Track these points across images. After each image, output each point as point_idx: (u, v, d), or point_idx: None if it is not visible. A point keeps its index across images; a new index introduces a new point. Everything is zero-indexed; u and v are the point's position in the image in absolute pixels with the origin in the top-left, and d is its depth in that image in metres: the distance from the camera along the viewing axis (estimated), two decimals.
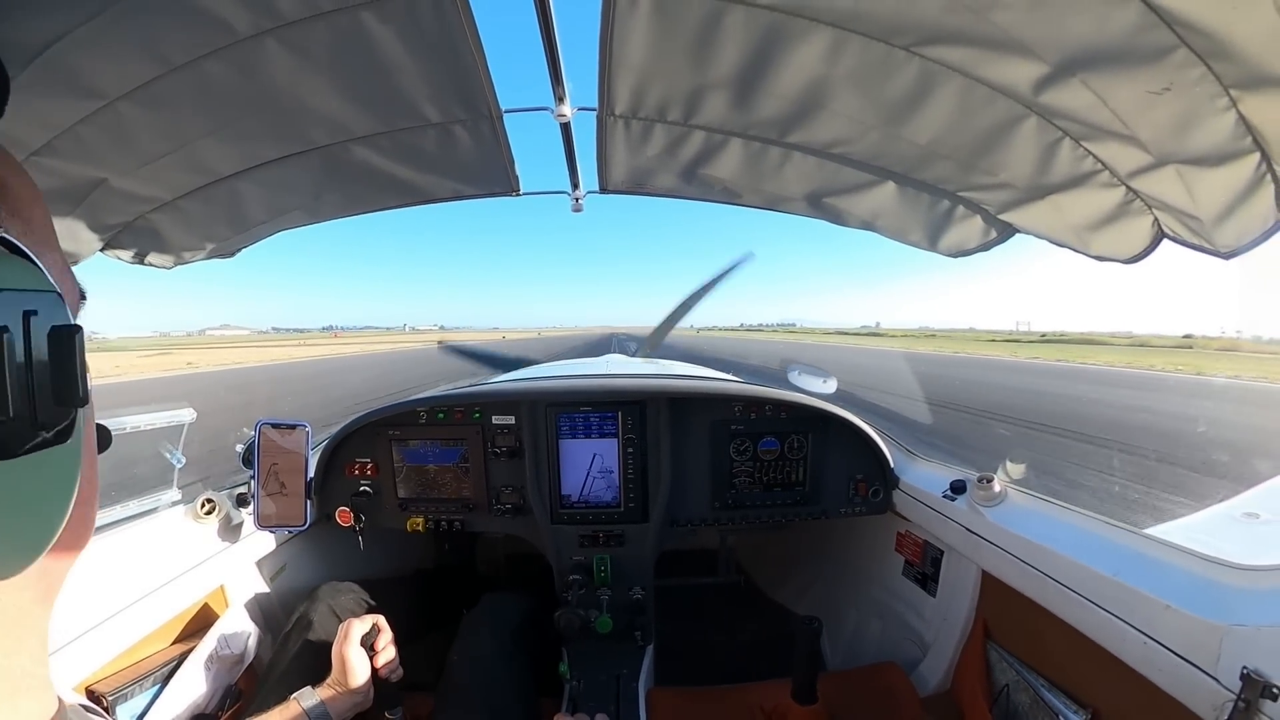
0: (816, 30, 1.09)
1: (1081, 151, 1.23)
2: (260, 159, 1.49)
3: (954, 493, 1.73)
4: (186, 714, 1.48)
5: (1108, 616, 1.16)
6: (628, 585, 2.00)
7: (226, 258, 1.94)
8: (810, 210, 1.85)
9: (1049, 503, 1.54)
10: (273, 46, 1.09)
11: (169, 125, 1.27)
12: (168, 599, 1.52)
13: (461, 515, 2.09)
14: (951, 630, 1.71)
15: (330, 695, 1.34)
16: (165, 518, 1.70)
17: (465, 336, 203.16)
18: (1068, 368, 33.61)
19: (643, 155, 1.64)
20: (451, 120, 1.43)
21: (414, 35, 1.11)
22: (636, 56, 1.22)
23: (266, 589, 1.89)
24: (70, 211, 1.43)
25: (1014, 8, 0.93)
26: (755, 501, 2.06)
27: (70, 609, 1.30)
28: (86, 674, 1.31)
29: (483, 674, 1.58)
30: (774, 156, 1.58)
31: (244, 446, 1.83)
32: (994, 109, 1.19)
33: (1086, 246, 1.50)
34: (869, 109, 1.30)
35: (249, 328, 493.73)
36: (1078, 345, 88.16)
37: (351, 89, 1.27)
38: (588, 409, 2.00)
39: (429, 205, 1.88)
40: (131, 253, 1.71)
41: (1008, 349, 64.30)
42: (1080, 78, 1.02)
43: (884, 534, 2.15)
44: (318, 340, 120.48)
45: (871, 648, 2.12)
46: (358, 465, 2.08)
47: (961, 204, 1.62)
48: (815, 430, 2.04)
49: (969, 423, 12.30)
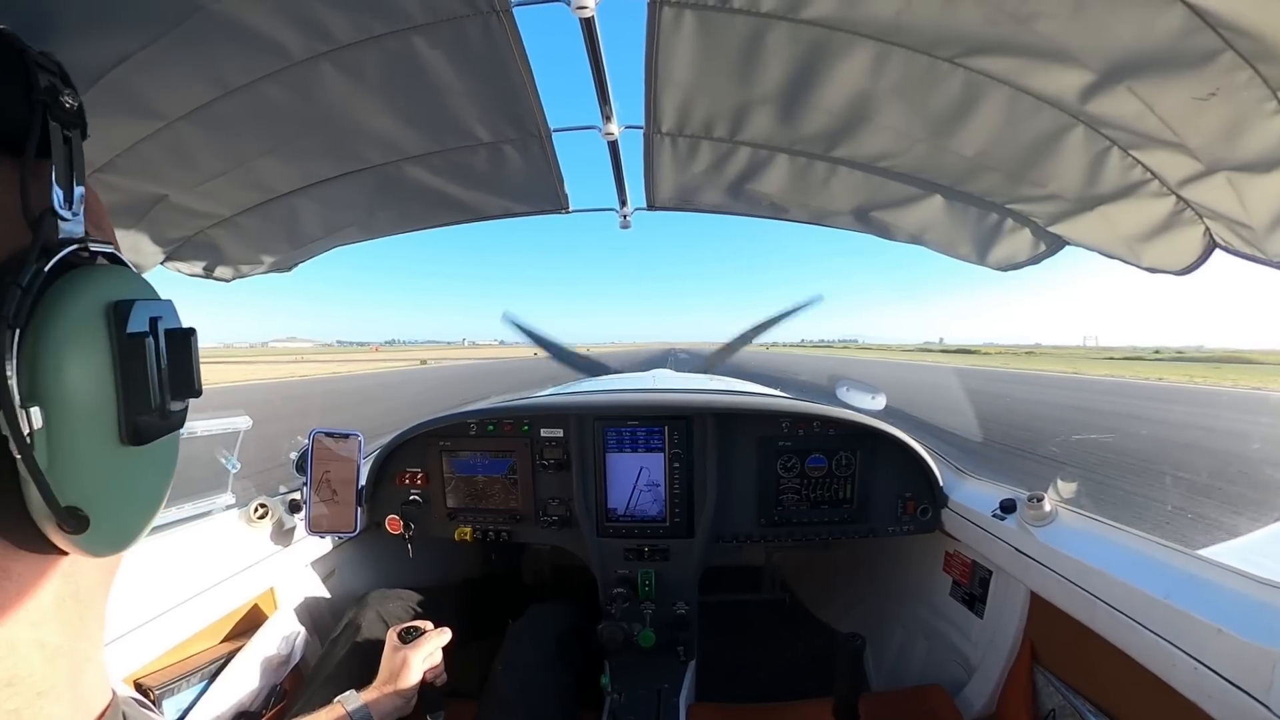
0: (859, 44, 1.12)
1: (1130, 160, 1.24)
2: (316, 177, 1.57)
3: (1004, 512, 1.73)
4: (231, 711, 1.54)
5: (1157, 640, 1.14)
6: (671, 600, 2.02)
7: (284, 271, 2.05)
8: (858, 225, 1.88)
9: (1100, 523, 1.53)
10: (327, 69, 1.15)
11: (227, 145, 1.34)
12: (218, 599, 1.60)
13: (509, 526, 2.15)
14: (998, 653, 1.69)
15: (374, 698, 1.39)
16: (219, 520, 1.79)
17: (526, 352, 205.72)
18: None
19: (689, 172, 1.69)
20: (502, 140, 1.50)
21: (464, 58, 1.17)
22: (682, 74, 1.26)
23: (315, 593, 1.97)
24: (133, 226, 1.52)
25: (1056, 16, 0.94)
26: (802, 519, 2.07)
27: (124, 605, 1.37)
28: (135, 668, 1.38)
29: (525, 684, 1.62)
30: (820, 171, 1.61)
31: (298, 454, 1.92)
32: (1040, 119, 1.20)
33: (1138, 258, 1.50)
34: (914, 122, 1.32)
35: (313, 340, 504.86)
36: (1237, 364, 75.32)
37: (404, 110, 1.34)
38: (635, 423, 2.05)
39: (481, 223, 1.95)
40: (192, 266, 1.81)
41: (1126, 368, 56.34)
42: (1126, 85, 1.04)
43: (932, 553, 2.14)
44: (355, 356, 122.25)
45: (916, 669, 2.10)
46: (408, 474, 2.17)
47: (1010, 216, 1.63)
48: (864, 447, 2.05)
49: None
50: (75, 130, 0.41)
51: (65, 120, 0.40)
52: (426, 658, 1.51)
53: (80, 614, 0.43)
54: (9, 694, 0.37)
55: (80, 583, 0.43)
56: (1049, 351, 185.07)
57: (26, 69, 0.38)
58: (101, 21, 0.90)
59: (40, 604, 0.40)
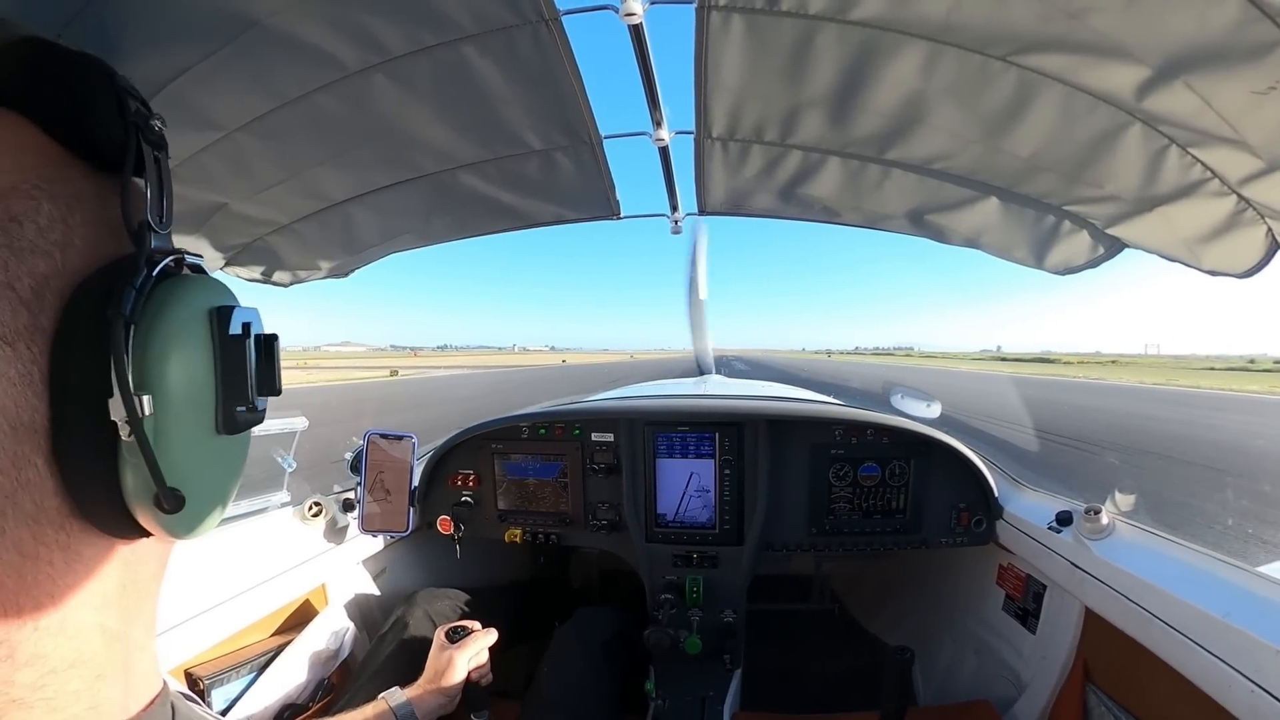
0: (910, 44, 1.12)
1: (1189, 159, 1.22)
2: (372, 185, 1.63)
3: (1060, 524, 1.71)
4: (278, 703, 1.60)
5: (1213, 660, 1.12)
6: (719, 607, 2.03)
7: (341, 277, 2.13)
8: (912, 228, 1.88)
9: (1159, 537, 1.51)
10: (380, 81, 1.20)
11: (284, 154, 1.40)
12: (271, 593, 1.67)
13: (558, 529, 2.20)
14: (1050, 670, 1.67)
15: (418, 695, 1.44)
16: (274, 517, 1.87)
17: (578, 358, 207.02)
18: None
19: (741, 176, 1.72)
20: (553, 147, 1.54)
21: (514, 66, 1.20)
22: (732, 78, 1.29)
23: (366, 590, 2.04)
24: (194, 232, 1.59)
25: (1109, 10, 0.94)
26: (854, 528, 2.08)
27: (180, 596, 1.44)
28: (187, 657, 1.45)
29: (571, 688, 1.65)
30: (873, 174, 1.62)
31: (352, 454, 2.01)
32: (1096, 117, 1.19)
33: (1198, 261, 1.48)
34: (968, 122, 1.33)
35: (366, 344, 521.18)
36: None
37: (456, 119, 1.39)
38: (685, 429, 2.08)
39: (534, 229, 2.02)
40: (251, 271, 1.89)
41: (1231, 380, 51.81)
42: (1183, 80, 1.03)
43: (985, 566, 2.12)
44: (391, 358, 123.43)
45: (965, 684, 2.08)
46: (460, 476, 2.24)
47: (1067, 219, 1.62)
48: (918, 456, 2.05)
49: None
50: (162, 151, 0.47)
51: (153, 142, 0.46)
52: (472, 658, 1.55)
53: (137, 602, 0.46)
54: (72, 675, 0.40)
55: (139, 573, 0.46)
56: (1136, 360, 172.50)
57: (118, 95, 0.44)
58: (162, 36, 0.95)
59: (104, 589, 0.43)
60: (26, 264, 0.37)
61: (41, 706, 0.38)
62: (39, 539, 0.38)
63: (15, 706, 0.37)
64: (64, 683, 0.39)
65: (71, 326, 0.38)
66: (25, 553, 0.37)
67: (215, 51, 1.01)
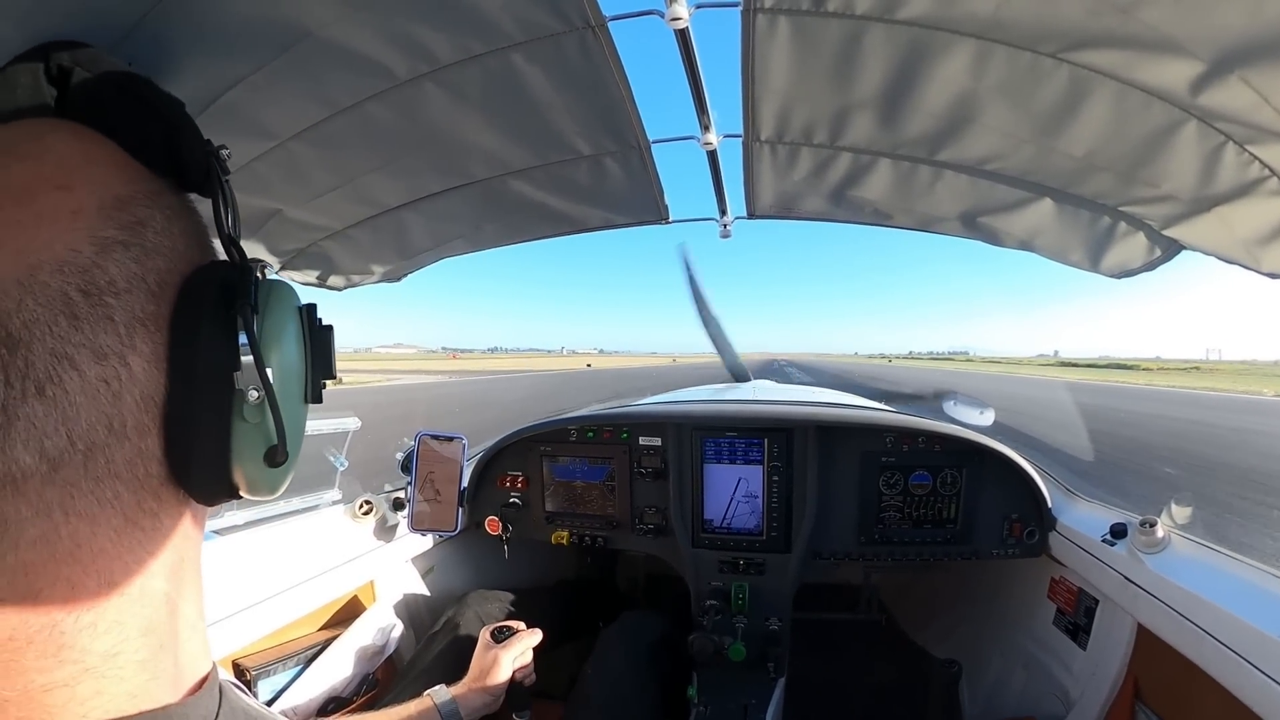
0: (959, 43, 1.12)
1: (1247, 157, 1.20)
2: (424, 192, 1.67)
3: (1114, 537, 1.70)
4: (323, 696, 1.66)
5: (1266, 681, 1.11)
6: (764, 615, 2.04)
7: (394, 281, 2.20)
8: (964, 230, 1.87)
9: (1215, 551, 1.49)
10: (430, 89, 1.23)
11: (337, 162, 1.43)
12: (320, 588, 1.74)
13: (605, 532, 2.25)
14: (1099, 687, 1.65)
15: (462, 694, 1.48)
16: (326, 514, 1.95)
17: (623, 361, 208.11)
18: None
19: (790, 179, 1.73)
20: (602, 152, 1.58)
21: (562, 73, 1.22)
22: (779, 81, 1.30)
23: (413, 588, 2.10)
24: (249, 237, 1.63)
25: (1161, 3, 0.92)
26: (903, 538, 2.07)
27: (231, 589, 1.51)
28: (236, 648, 1.51)
29: (614, 691, 1.68)
30: (924, 176, 1.61)
31: (403, 454, 2.09)
32: (1150, 114, 1.18)
33: (1258, 263, 1.44)
34: (1020, 121, 1.32)
35: (418, 346, 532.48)
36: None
37: (506, 126, 1.43)
38: (733, 434, 2.10)
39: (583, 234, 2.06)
40: (305, 275, 1.94)
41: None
42: (1238, 74, 1.01)
43: (1036, 579, 2.10)
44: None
45: (1012, 700, 2.06)
46: (509, 477, 2.30)
47: (1123, 220, 1.59)
48: (970, 465, 2.04)
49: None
50: (227, 174, 0.56)
51: (224, 168, 0.56)
52: (517, 657, 1.59)
53: (192, 577, 0.51)
54: (142, 643, 0.44)
55: (189, 549, 0.50)
56: (1217, 366, 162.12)
57: (195, 126, 0.54)
58: (217, 49, 0.99)
59: (172, 560, 0.47)
60: (152, 261, 0.45)
61: (112, 676, 0.42)
62: (141, 505, 0.44)
63: (88, 675, 0.41)
64: (134, 651, 0.43)
65: (193, 314, 0.46)
66: (129, 517, 0.43)
67: (268, 63, 1.05)
